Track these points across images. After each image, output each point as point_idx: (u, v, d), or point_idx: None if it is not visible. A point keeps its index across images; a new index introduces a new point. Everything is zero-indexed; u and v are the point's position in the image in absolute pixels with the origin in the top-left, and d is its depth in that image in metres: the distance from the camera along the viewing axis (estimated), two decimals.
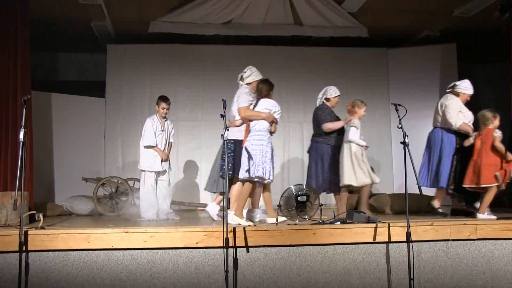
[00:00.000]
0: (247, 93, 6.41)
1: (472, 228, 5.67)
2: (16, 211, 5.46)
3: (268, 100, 6.22)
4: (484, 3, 8.59)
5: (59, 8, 8.61)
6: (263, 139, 6.00)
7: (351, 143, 6.79)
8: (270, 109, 6.15)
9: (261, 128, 6.08)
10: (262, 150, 5.93)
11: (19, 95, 6.89)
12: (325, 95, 7.20)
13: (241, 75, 6.64)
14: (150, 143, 7.20)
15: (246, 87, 6.53)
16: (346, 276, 5.43)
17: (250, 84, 6.55)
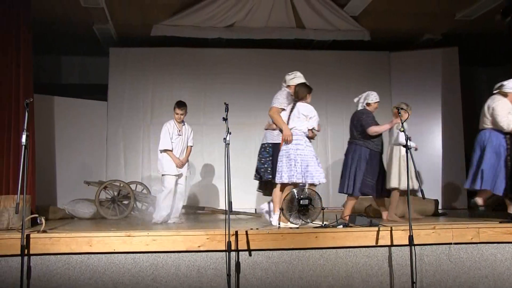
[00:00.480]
0: (283, 96, 6.50)
1: (475, 231, 5.66)
2: (18, 215, 5.46)
3: (306, 105, 6.25)
4: (486, 7, 8.59)
5: (62, 11, 8.63)
6: (300, 143, 6.02)
7: (400, 146, 6.83)
8: (306, 115, 6.17)
9: (297, 132, 6.11)
10: (299, 154, 5.97)
11: (21, 98, 6.89)
12: (366, 100, 7.24)
13: (285, 77, 6.73)
14: (165, 147, 7.24)
15: (285, 90, 6.64)
16: (348, 280, 5.42)
17: (290, 87, 6.61)
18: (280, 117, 6.31)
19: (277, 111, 6.36)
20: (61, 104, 9.58)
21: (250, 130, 10.20)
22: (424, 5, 8.68)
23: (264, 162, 6.52)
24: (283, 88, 6.69)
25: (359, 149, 6.97)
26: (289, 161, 6.00)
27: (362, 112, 7.16)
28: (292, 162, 5.98)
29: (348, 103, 10.54)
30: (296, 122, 6.18)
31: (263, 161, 6.57)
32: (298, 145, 6.04)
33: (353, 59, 10.70)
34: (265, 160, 6.52)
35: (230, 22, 9.13)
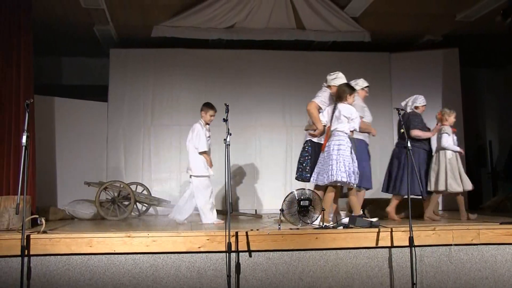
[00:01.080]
0: (325, 95, 6.60)
1: (475, 233, 5.66)
2: (18, 215, 5.46)
3: (347, 106, 6.28)
4: (487, 8, 8.58)
5: (62, 12, 8.63)
6: (342, 143, 6.05)
7: (445, 150, 6.99)
8: (348, 116, 6.20)
9: (339, 134, 6.15)
10: (341, 154, 6.01)
11: (21, 99, 6.89)
12: (414, 103, 7.37)
13: (326, 77, 6.77)
14: (205, 148, 7.14)
15: (326, 90, 6.70)
16: (348, 281, 5.42)
17: (331, 87, 6.67)
18: (317, 113, 6.41)
19: (315, 107, 6.47)
20: (61, 105, 9.57)
21: (251, 131, 10.22)
22: (424, 6, 8.67)
23: (303, 161, 6.55)
24: (323, 88, 6.72)
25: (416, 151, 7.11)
26: (331, 162, 6.04)
27: (414, 114, 7.32)
28: (334, 162, 6.01)
29: None
30: (338, 123, 6.20)
31: (301, 160, 6.62)
32: (340, 145, 6.06)
33: (354, 60, 10.68)
34: (304, 159, 6.56)
35: (231, 23, 9.13)
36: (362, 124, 6.57)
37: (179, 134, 10.08)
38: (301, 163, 6.61)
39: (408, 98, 7.47)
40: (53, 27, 9.20)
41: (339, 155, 6.03)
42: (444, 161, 6.97)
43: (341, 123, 6.19)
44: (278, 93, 10.39)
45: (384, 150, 10.50)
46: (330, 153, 6.09)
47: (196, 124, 7.33)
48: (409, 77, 10.53)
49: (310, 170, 6.49)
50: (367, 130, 6.72)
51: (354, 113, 6.26)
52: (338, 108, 6.26)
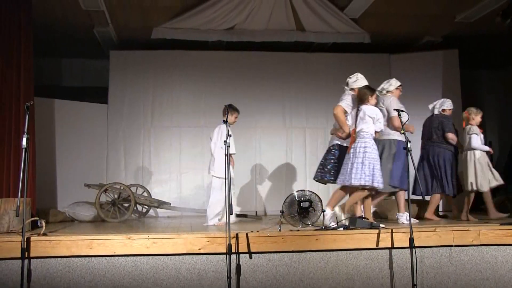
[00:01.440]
0: (349, 98, 6.59)
1: (475, 234, 5.66)
2: (18, 218, 5.44)
3: (371, 107, 6.28)
4: (486, 9, 8.59)
5: (62, 14, 8.64)
6: (368, 145, 6.06)
7: (474, 150, 7.06)
8: (373, 117, 6.20)
9: (364, 135, 6.15)
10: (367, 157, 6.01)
11: (22, 101, 6.90)
12: (442, 106, 7.52)
13: (347, 81, 6.79)
14: (234, 151, 7.31)
15: (350, 93, 6.69)
16: (349, 282, 5.42)
17: (354, 90, 6.69)
18: (343, 117, 6.43)
19: (342, 111, 6.47)
20: (61, 107, 9.58)
21: (251, 133, 10.21)
22: (424, 7, 8.68)
23: (327, 164, 6.57)
24: (347, 92, 6.74)
25: (443, 152, 7.26)
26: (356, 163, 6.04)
27: (444, 116, 7.43)
28: (359, 165, 6.01)
29: None
30: (363, 124, 6.18)
31: (326, 162, 6.64)
32: (366, 147, 6.05)
33: (353, 62, 10.67)
34: (329, 162, 6.57)
35: (231, 24, 9.13)
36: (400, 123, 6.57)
37: (179, 135, 10.09)
38: (325, 165, 6.60)
39: (436, 101, 7.65)
40: (53, 28, 9.21)
41: (365, 158, 6.02)
42: (473, 161, 7.05)
43: (366, 123, 6.18)
44: (278, 95, 10.40)
45: None
46: (356, 155, 6.08)
47: (223, 125, 7.34)
48: (409, 78, 10.49)
49: (335, 174, 6.51)
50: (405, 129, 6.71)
51: (379, 114, 6.26)
52: (362, 109, 6.27)
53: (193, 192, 9.96)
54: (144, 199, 8.63)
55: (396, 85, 6.99)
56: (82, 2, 8.07)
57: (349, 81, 6.77)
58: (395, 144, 6.61)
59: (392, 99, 6.80)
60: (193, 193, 9.96)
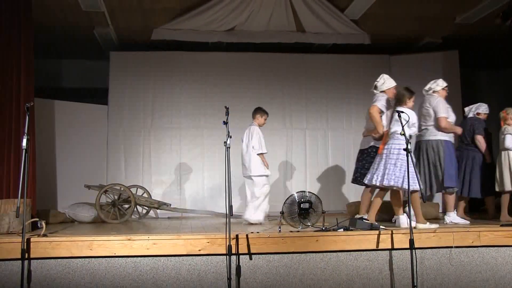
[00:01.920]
0: (384, 99, 6.66)
1: (476, 235, 5.66)
2: (18, 219, 5.45)
3: (407, 110, 6.22)
4: (486, 11, 8.59)
5: (63, 15, 8.64)
6: (402, 147, 6.02)
7: (509, 150, 7.08)
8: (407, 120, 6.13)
9: (398, 137, 6.09)
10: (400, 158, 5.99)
11: (22, 102, 6.89)
12: (477, 109, 7.62)
13: (375, 84, 6.84)
14: (265, 150, 7.51)
15: (382, 95, 6.74)
16: (349, 283, 5.42)
17: (385, 91, 6.76)
18: (379, 117, 6.47)
19: (378, 111, 6.52)
20: (61, 108, 9.58)
21: None
22: (424, 8, 8.68)
23: (368, 166, 6.58)
24: (378, 94, 6.78)
25: (472, 154, 7.37)
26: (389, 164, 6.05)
27: (476, 119, 7.53)
28: (392, 166, 6.01)
29: (348, 106, 10.60)
30: (398, 126, 6.11)
31: (366, 165, 6.66)
32: (400, 149, 6.00)
33: (353, 63, 10.71)
34: (369, 164, 6.59)
35: (231, 26, 9.14)
36: (448, 124, 6.65)
37: (179, 136, 10.10)
38: (366, 168, 6.61)
39: (473, 105, 7.74)
40: (53, 30, 9.22)
41: (398, 159, 6.00)
42: (507, 161, 7.07)
43: (400, 126, 6.14)
44: (278, 96, 10.41)
45: None
46: (389, 156, 6.08)
47: (253, 126, 7.58)
48: (409, 80, 10.42)
49: None
50: (452, 130, 6.74)
51: (414, 118, 6.20)
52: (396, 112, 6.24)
53: (193, 193, 9.97)
54: (144, 200, 8.62)
55: (442, 86, 6.97)
56: (82, 3, 8.07)
57: (378, 84, 6.82)
58: (443, 144, 6.64)
59: (439, 100, 6.78)
60: (193, 194, 9.97)
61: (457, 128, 6.79)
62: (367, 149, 6.78)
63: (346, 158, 10.43)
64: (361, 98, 10.55)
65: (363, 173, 6.65)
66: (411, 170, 5.72)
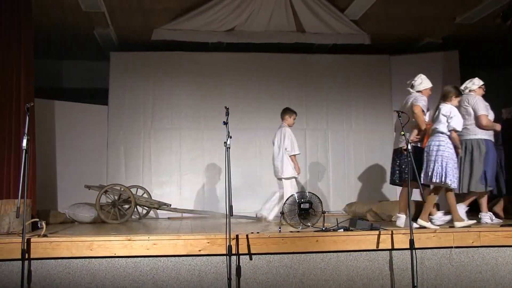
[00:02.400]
0: (424, 98, 6.64)
1: (476, 235, 5.66)
2: (18, 219, 5.46)
3: (447, 105, 6.27)
4: (487, 10, 8.59)
5: (63, 15, 8.64)
6: (442, 143, 6.07)
7: None
8: (446, 115, 6.18)
9: (438, 134, 6.15)
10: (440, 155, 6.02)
11: (22, 103, 6.89)
12: None
13: (412, 83, 6.85)
14: (297, 151, 7.64)
15: (417, 94, 6.74)
16: (349, 284, 5.42)
17: (421, 91, 6.76)
18: (423, 116, 6.48)
19: (421, 110, 6.51)
20: (61, 109, 9.57)
21: (251, 134, 10.21)
22: (424, 8, 8.68)
23: (402, 164, 6.57)
24: (414, 94, 6.78)
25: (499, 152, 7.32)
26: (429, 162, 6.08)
27: None
28: (432, 163, 6.03)
29: (348, 106, 10.60)
30: (437, 123, 6.19)
31: (402, 163, 6.62)
32: (440, 145, 6.04)
33: (354, 63, 10.71)
34: (404, 162, 6.55)
35: (231, 26, 9.14)
36: (489, 122, 6.70)
37: (179, 137, 10.10)
38: (404, 168, 6.59)
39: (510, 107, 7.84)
40: (54, 30, 9.22)
41: (438, 156, 6.02)
42: None
43: (440, 123, 6.17)
44: (278, 96, 10.39)
45: (384, 151, 10.52)
46: (429, 153, 6.11)
47: (284, 128, 7.73)
48: (409, 80, 10.51)
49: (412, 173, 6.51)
50: (492, 127, 6.78)
51: (453, 112, 6.20)
52: (439, 108, 6.30)
53: (193, 194, 9.97)
54: (144, 201, 8.62)
55: (479, 84, 6.97)
56: (82, 3, 8.07)
57: (415, 83, 6.81)
58: (484, 143, 6.67)
59: (478, 98, 6.81)
60: (193, 194, 9.96)
61: (496, 125, 6.85)
62: (400, 148, 6.76)
63: (346, 158, 10.43)
64: (361, 98, 10.58)
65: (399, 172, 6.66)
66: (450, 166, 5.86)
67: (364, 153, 10.53)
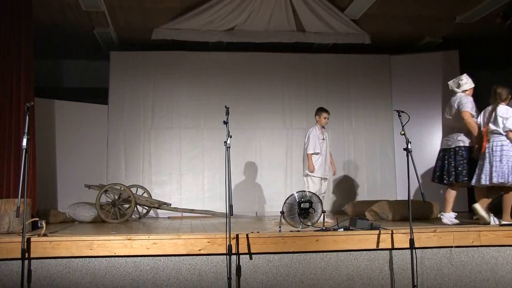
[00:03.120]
0: (470, 101, 6.68)
1: (476, 234, 5.66)
2: (18, 218, 5.46)
3: (503, 107, 6.29)
4: (487, 10, 8.59)
5: (63, 15, 8.64)
6: (504, 143, 6.10)
7: None
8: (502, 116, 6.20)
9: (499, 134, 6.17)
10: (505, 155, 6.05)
11: (22, 102, 6.90)
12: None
13: (458, 82, 6.86)
14: (315, 150, 7.67)
15: (462, 95, 6.76)
16: (349, 283, 5.42)
17: (466, 91, 6.81)
18: (473, 121, 6.51)
19: (470, 115, 6.55)
20: (61, 108, 9.58)
21: (251, 134, 10.22)
22: (424, 8, 8.68)
23: (458, 166, 6.57)
24: (459, 94, 6.78)
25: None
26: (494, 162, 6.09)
27: None
28: (498, 163, 6.06)
29: (348, 106, 10.60)
30: (496, 124, 6.21)
31: (457, 164, 6.61)
32: (503, 145, 6.09)
33: (354, 62, 10.71)
34: (459, 164, 6.58)
35: (231, 25, 9.14)
36: None
37: (179, 136, 10.10)
38: (456, 167, 6.60)
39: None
40: (54, 29, 9.21)
41: (503, 156, 6.06)
42: None
43: (497, 124, 6.20)
44: (278, 95, 10.41)
45: (384, 151, 10.54)
46: (492, 154, 6.13)
47: (311, 128, 7.86)
48: (409, 79, 10.54)
49: (467, 174, 6.51)
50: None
51: (508, 113, 6.22)
52: (496, 109, 6.30)
53: (193, 193, 9.97)
54: (144, 200, 8.62)
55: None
56: (82, 2, 8.08)
57: (461, 82, 6.82)
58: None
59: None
60: (193, 194, 9.97)
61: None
62: (454, 149, 6.74)
63: (346, 157, 10.43)
64: (361, 98, 10.58)
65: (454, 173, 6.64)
66: None
67: (364, 152, 10.53)
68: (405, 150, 5.43)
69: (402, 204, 7.75)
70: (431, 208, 7.90)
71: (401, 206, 7.71)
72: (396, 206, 7.79)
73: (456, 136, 6.68)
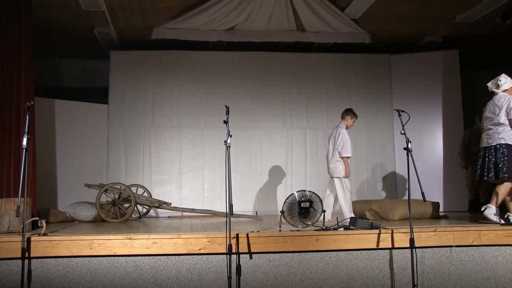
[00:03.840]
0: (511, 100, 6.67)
1: (476, 234, 5.66)
2: (19, 218, 5.45)
3: None
4: (487, 10, 8.60)
5: (63, 14, 8.64)
6: None
7: None
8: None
9: None
10: None
11: (22, 101, 6.89)
12: None
13: (497, 83, 6.82)
14: (349, 154, 7.72)
15: (504, 94, 6.74)
16: (349, 283, 5.42)
17: (507, 90, 6.77)
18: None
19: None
20: (62, 107, 9.58)
21: (251, 133, 10.22)
22: (424, 8, 8.68)
23: (499, 162, 6.57)
24: (501, 94, 6.76)
25: None
26: None
27: None
28: None
29: (348, 105, 10.57)
30: None
31: (498, 161, 6.61)
32: None
33: (354, 62, 10.71)
34: (500, 161, 6.57)
35: (231, 25, 9.14)
36: None
37: (179, 136, 10.11)
38: (497, 164, 6.60)
39: None
40: (54, 29, 9.22)
41: None
42: None
43: None
44: (278, 95, 10.41)
45: (384, 150, 10.54)
46: None
47: (341, 129, 7.78)
48: (409, 79, 10.54)
49: (508, 171, 6.52)
50: None
51: None
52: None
53: (193, 192, 9.97)
54: (144, 199, 8.62)
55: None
56: (82, 2, 8.08)
57: (500, 82, 6.80)
58: None
59: None
60: (193, 193, 9.97)
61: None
62: (494, 147, 6.74)
63: None
64: (361, 97, 10.57)
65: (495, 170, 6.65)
66: None
67: (364, 152, 10.53)
68: (405, 149, 5.42)
69: (402, 204, 7.75)
70: (431, 207, 7.90)
71: (401, 205, 7.71)
72: (396, 205, 7.79)
73: (497, 134, 6.69)
